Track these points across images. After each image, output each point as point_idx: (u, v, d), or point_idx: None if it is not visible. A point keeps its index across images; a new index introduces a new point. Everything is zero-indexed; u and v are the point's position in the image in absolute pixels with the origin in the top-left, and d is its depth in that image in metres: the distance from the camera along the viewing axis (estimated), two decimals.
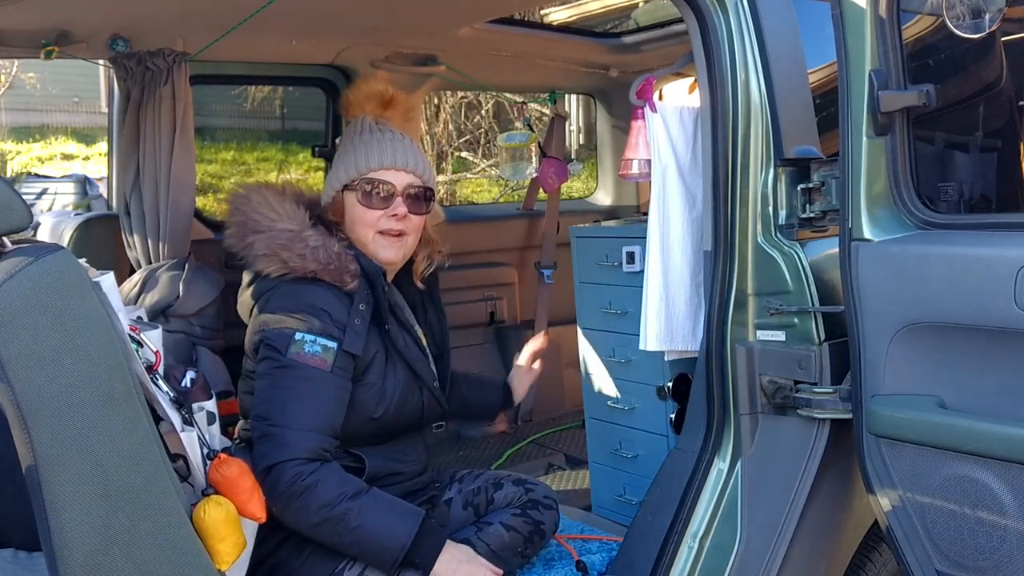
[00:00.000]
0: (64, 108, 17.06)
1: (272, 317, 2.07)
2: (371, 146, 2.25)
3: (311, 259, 2.09)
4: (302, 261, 2.09)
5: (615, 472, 2.93)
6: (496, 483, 2.42)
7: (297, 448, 1.95)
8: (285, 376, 2.01)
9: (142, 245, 3.15)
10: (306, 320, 2.05)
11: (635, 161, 2.48)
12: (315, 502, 1.93)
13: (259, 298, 2.15)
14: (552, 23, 7.86)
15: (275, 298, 2.10)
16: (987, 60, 2.15)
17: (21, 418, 1.32)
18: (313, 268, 2.09)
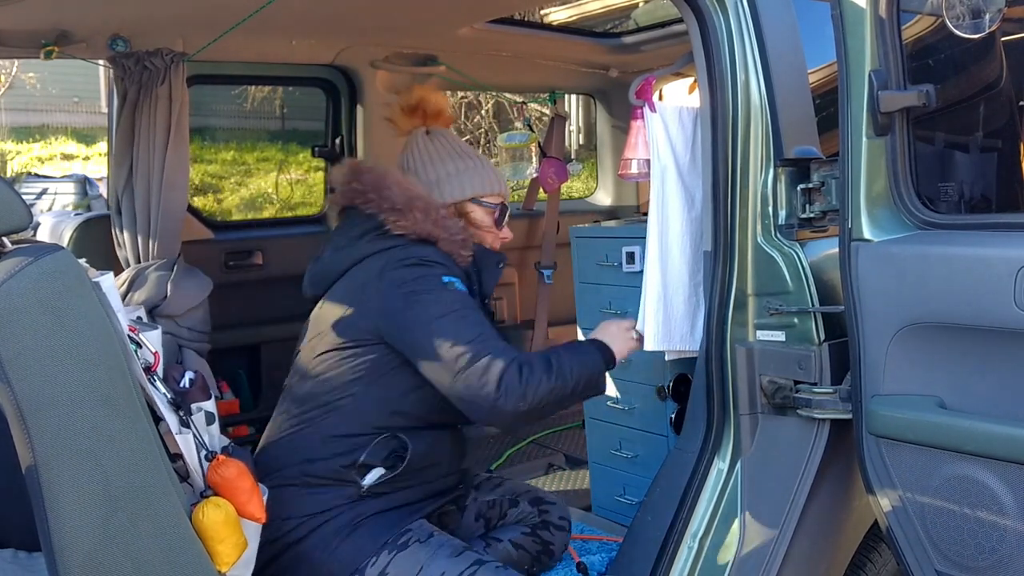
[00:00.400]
0: (64, 108, 17.08)
1: (410, 270, 2.15)
2: (495, 172, 2.49)
3: (440, 227, 2.23)
4: (432, 226, 2.22)
5: (615, 472, 2.93)
6: (513, 500, 2.41)
7: (505, 352, 2.06)
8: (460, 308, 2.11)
9: (132, 244, 3.14)
10: (445, 267, 2.18)
11: (634, 161, 2.47)
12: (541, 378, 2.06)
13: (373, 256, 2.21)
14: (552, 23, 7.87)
15: (405, 253, 2.18)
16: (987, 60, 2.15)
17: (21, 418, 1.32)
18: (438, 235, 2.23)
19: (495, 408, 2.02)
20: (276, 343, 3.70)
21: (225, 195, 11.31)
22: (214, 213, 10.13)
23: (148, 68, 3.02)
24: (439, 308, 2.09)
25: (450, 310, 2.09)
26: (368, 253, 2.23)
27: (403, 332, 2.10)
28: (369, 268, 2.20)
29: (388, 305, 2.12)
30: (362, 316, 2.16)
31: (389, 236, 2.23)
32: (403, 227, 2.21)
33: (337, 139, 3.87)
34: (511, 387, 2.01)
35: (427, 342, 2.06)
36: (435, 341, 2.05)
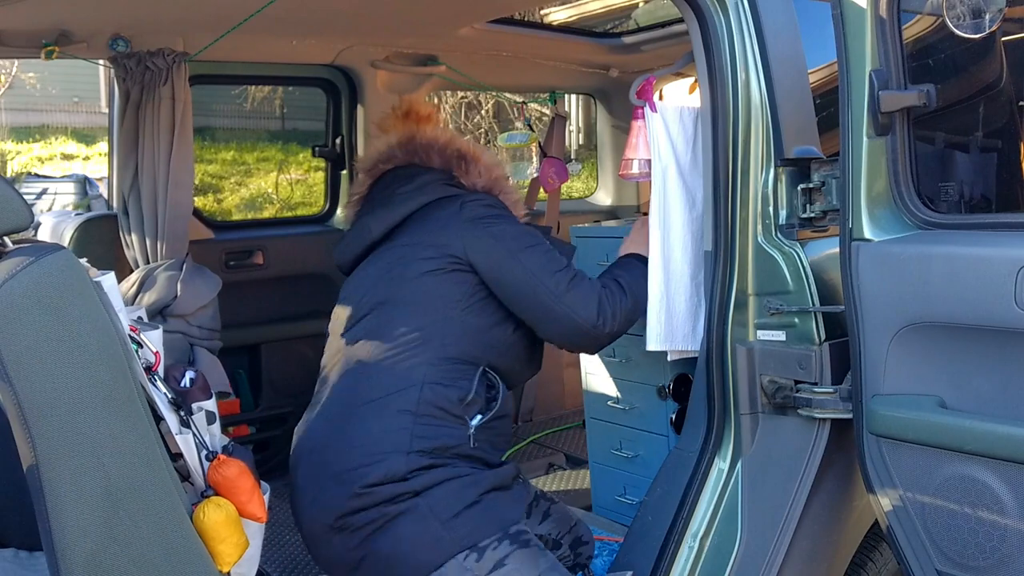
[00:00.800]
0: (64, 108, 17.08)
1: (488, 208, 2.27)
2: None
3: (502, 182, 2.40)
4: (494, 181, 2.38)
5: (615, 472, 2.93)
6: (556, 541, 2.35)
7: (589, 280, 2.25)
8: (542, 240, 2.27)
9: (140, 245, 3.15)
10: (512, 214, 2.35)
11: (635, 161, 2.47)
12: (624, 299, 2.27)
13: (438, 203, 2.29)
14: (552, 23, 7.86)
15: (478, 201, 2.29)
16: (987, 60, 2.15)
17: (22, 417, 1.33)
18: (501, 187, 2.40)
19: (595, 329, 2.20)
20: (276, 343, 3.70)
21: (225, 195, 11.31)
22: (214, 213, 10.13)
23: (150, 68, 3.02)
24: (527, 239, 2.21)
25: (536, 241, 2.23)
26: (436, 197, 2.29)
27: (495, 262, 2.18)
28: (444, 208, 2.26)
29: (476, 240, 2.19)
30: (451, 243, 2.20)
31: (454, 184, 2.32)
32: (472, 176, 2.33)
33: (337, 139, 3.87)
34: (605, 308, 2.20)
35: (525, 270, 2.18)
36: (533, 269, 2.18)
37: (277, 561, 2.92)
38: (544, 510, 2.33)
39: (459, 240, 2.19)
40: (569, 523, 2.37)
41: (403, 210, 2.30)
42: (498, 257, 2.19)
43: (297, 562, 2.96)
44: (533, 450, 3.82)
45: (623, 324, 2.25)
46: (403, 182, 2.37)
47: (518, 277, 2.18)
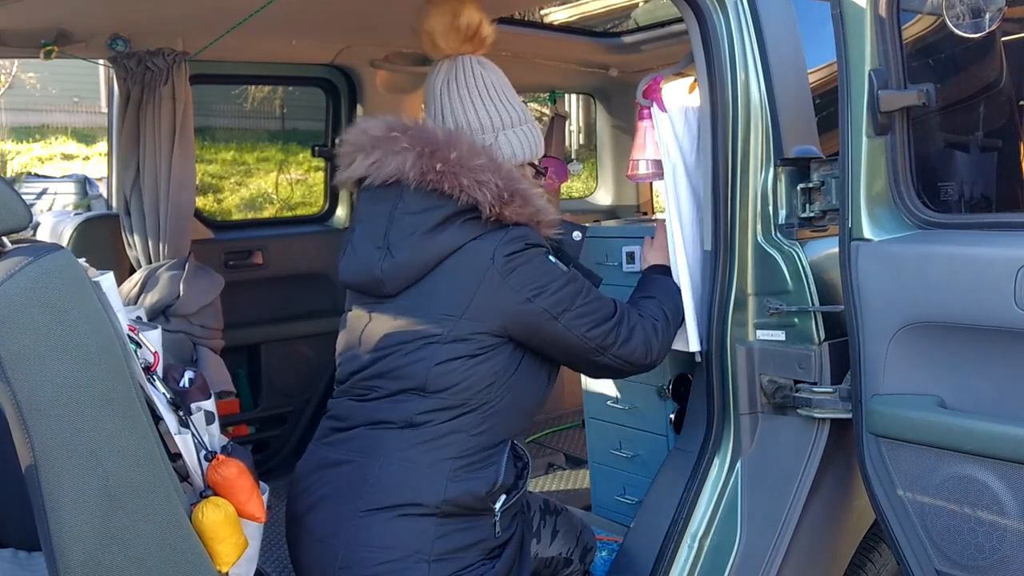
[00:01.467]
0: (64, 108, 17.08)
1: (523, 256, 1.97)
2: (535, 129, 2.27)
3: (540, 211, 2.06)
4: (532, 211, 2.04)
5: (615, 472, 2.93)
6: (567, 558, 2.28)
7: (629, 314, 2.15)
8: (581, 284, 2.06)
9: (142, 245, 3.15)
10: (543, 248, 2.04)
11: (643, 162, 2.47)
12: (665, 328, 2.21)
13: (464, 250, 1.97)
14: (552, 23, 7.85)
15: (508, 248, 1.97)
16: (987, 60, 2.15)
17: (21, 417, 1.32)
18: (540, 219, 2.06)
19: (646, 367, 2.17)
20: (276, 343, 3.70)
21: (225, 195, 11.31)
22: (214, 213, 10.13)
23: (150, 68, 3.02)
24: (566, 296, 2.00)
25: (576, 293, 2.02)
26: (464, 241, 1.97)
27: (536, 328, 1.98)
28: (474, 261, 1.96)
29: (512, 304, 1.95)
30: (484, 316, 1.95)
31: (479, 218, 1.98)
32: (506, 217, 1.98)
33: (337, 139, 3.87)
34: (653, 346, 2.15)
35: (569, 330, 2.01)
36: (579, 327, 2.02)
37: (276, 561, 2.92)
38: (552, 527, 2.25)
39: (495, 312, 1.95)
40: (576, 533, 2.32)
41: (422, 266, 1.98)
42: (540, 324, 1.98)
43: None
44: (533, 450, 3.82)
45: (666, 352, 2.22)
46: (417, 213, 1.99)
47: (562, 339, 2.01)
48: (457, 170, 1.95)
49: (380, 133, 2.04)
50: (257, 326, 3.65)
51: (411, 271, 1.98)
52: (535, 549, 2.21)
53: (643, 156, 2.46)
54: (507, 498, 2.02)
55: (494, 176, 1.97)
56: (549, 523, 2.27)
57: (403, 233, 1.99)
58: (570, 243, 2.18)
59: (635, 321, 2.13)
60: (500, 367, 1.98)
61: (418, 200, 1.98)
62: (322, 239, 3.88)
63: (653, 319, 2.17)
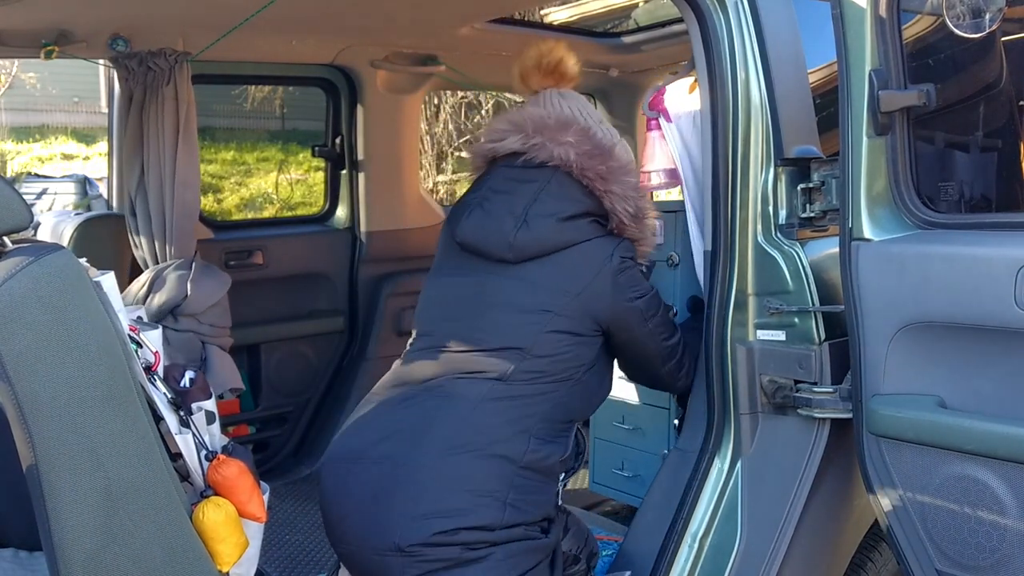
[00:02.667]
0: (64, 108, 17.08)
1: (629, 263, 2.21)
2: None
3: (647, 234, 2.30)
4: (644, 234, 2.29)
5: (615, 447, 2.93)
6: (576, 556, 2.32)
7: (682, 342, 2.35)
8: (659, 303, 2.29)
9: (149, 245, 3.15)
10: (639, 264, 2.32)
11: (654, 173, 2.49)
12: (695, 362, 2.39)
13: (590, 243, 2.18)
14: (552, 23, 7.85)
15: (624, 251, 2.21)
16: (987, 60, 2.15)
17: (22, 417, 1.32)
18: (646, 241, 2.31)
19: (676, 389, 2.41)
20: (276, 343, 3.70)
21: (225, 195, 11.31)
22: (214, 213, 10.13)
23: (152, 69, 3.02)
24: (655, 305, 2.25)
25: (660, 305, 2.27)
26: (590, 236, 2.19)
27: (628, 327, 2.20)
28: (596, 254, 2.17)
29: (618, 299, 2.17)
30: (594, 306, 2.15)
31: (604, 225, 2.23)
32: (625, 232, 2.23)
33: (337, 139, 3.87)
34: (690, 374, 2.36)
35: (653, 335, 2.24)
36: (660, 334, 2.25)
37: (277, 561, 2.92)
38: (564, 524, 2.29)
39: (603, 304, 2.15)
40: (584, 536, 2.36)
41: (551, 244, 2.16)
42: (634, 323, 2.20)
43: (296, 562, 2.96)
44: None
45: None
46: (560, 200, 2.18)
47: (643, 340, 2.24)
48: (610, 179, 2.19)
49: (550, 121, 2.24)
50: (257, 326, 3.65)
51: (541, 246, 2.17)
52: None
53: (654, 167, 2.47)
54: (566, 476, 2.22)
55: (636, 195, 2.23)
56: (561, 519, 2.29)
57: (543, 212, 2.17)
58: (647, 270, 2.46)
59: (687, 344, 2.35)
60: (593, 354, 2.18)
61: (566, 188, 2.19)
62: (322, 239, 3.88)
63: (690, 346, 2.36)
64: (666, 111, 2.40)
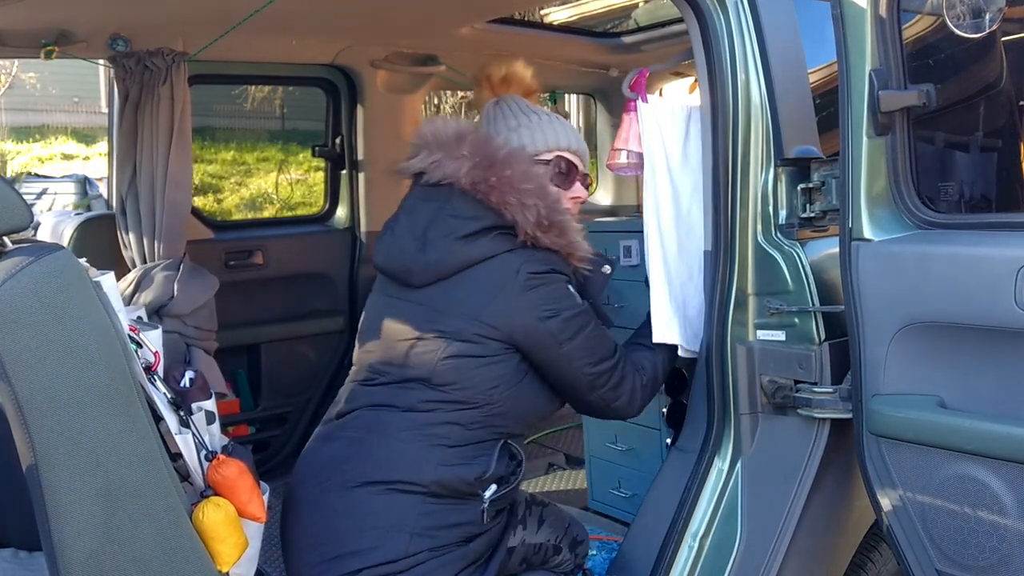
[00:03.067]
0: (64, 108, 17.09)
1: (543, 279, 2.09)
2: (565, 127, 2.32)
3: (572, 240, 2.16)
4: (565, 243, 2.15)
5: (610, 466, 2.94)
6: (556, 546, 2.32)
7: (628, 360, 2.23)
8: (590, 320, 2.15)
9: (138, 244, 3.15)
10: (566, 275, 2.16)
11: (623, 152, 2.46)
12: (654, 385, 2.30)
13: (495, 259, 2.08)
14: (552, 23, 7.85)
15: (535, 266, 2.09)
16: (987, 60, 2.15)
17: (21, 417, 1.32)
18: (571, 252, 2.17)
19: (622, 417, 2.27)
20: (276, 343, 3.70)
21: (225, 195, 11.31)
22: (214, 213, 10.13)
23: (149, 68, 3.02)
24: (574, 325, 2.10)
25: (583, 326, 2.12)
26: (495, 252, 2.09)
27: (540, 348, 2.08)
28: (500, 271, 2.07)
29: (525, 319, 2.05)
30: (500, 324, 2.05)
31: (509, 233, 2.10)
32: (540, 242, 2.11)
33: (337, 139, 3.87)
34: (637, 399, 2.23)
35: (569, 360, 2.11)
36: (577, 359, 2.11)
37: (276, 561, 2.91)
38: (538, 516, 2.30)
39: (507, 321, 2.05)
40: (564, 525, 2.36)
41: (451, 266, 2.09)
42: (545, 344, 2.08)
43: None
44: (533, 450, 3.82)
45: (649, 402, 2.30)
46: (459, 218, 2.10)
47: (558, 364, 2.11)
48: (507, 188, 2.08)
49: (447, 136, 2.17)
50: (257, 326, 3.64)
51: (440, 269, 2.10)
52: (522, 535, 2.26)
53: (624, 147, 2.45)
54: (498, 488, 2.09)
55: (541, 202, 2.10)
56: (535, 512, 2.32)
57: (441, 233, 2.11)
58: (597, 278, 2.27)
59: (629, 371, 2.21)
60: (507, 373, 2.07)
61: (464, 206, 2.11)
62: (322, 239, 3.88)
63: (643, 375, 2.25)
64: (644, 93, 2.38)
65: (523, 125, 2.29)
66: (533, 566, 2.30)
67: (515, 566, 2.27)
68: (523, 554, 2.27)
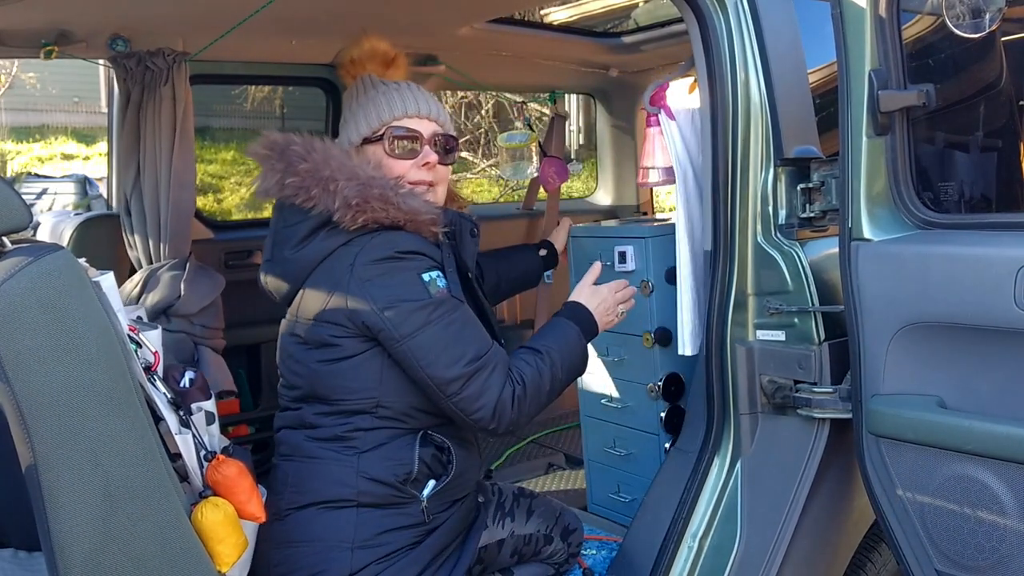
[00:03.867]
0: (64, 108, 17.07)
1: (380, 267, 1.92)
2: (391, 95, 2.16)
3: (405, 209, 1.95)
4: (395, 211, 1.95)
5: (609, 470, 2.94)
6: (547, 535, 2.29)
7: (501, 366, 1.95)
8: (443, 314, 1.92)
9: (143, 245, 3.15)
10: (420, 256, 1.95)
11: (653, 170, 2.49)
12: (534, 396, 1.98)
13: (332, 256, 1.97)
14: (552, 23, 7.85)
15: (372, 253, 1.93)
16: (987, 60, 2.15)
17: (21, 417, 1.32)
18: (403, 219, 1.96)
19: (488, 431, 1.97)
20: (276, 343, 3.70)
21: (225, 195, 11.31)
22: (214, 213, 10.12)
23: (150, 68, 3.02)
24: (417, 320, 1.89)
25: (429, 321, 1.90)
26: (330, 249, 1.98)
27: (388, 341, 1.91)
28: (336, 267, 1.96)
29: (366, 310, 1.90)
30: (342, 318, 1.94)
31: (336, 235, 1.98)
32: (363, 222, 1.94)
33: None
34: (504, 414, 1.93)
35: (412, 359, 1.90)
36: (420, 360, 1.90)
37: None
38: (527, 508, 2.29)
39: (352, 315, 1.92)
40: (555, 514, 2.35)
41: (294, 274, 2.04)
42: (387, 336, 1.91)
43: None
44: (532, 450, 3.82)
45: (527, 417, 1.99)
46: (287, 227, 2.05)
47: (408, 367, 1.92)
48: (309, 182, 1.97)
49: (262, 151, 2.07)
50: (257, 326, 3.64)
51: (287, 281, 2.06)
52: (511, 527, 2.24)
53: (653, 164, 2.47)
54: (436, 484, 2.01)
55: (347, 183, 1.95)
56: (524, 504, 2.30)
57: (282, 247, 2.06)
58: (465, 243, 2.12)
59: (497, 380, 1.93)
60: (379, 368, 1.95)
61: (290, 214, 2.04)
62: None
63: (522, 384, 1.97)
64: (668, 107, 2.40)
65: (350, 110, 2.17)
66: (525, 558, 2.30)
67: (506, 559, 2.26)
68: (513, 546, 2.25)
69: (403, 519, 1.99)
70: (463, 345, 1.92)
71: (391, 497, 1.97)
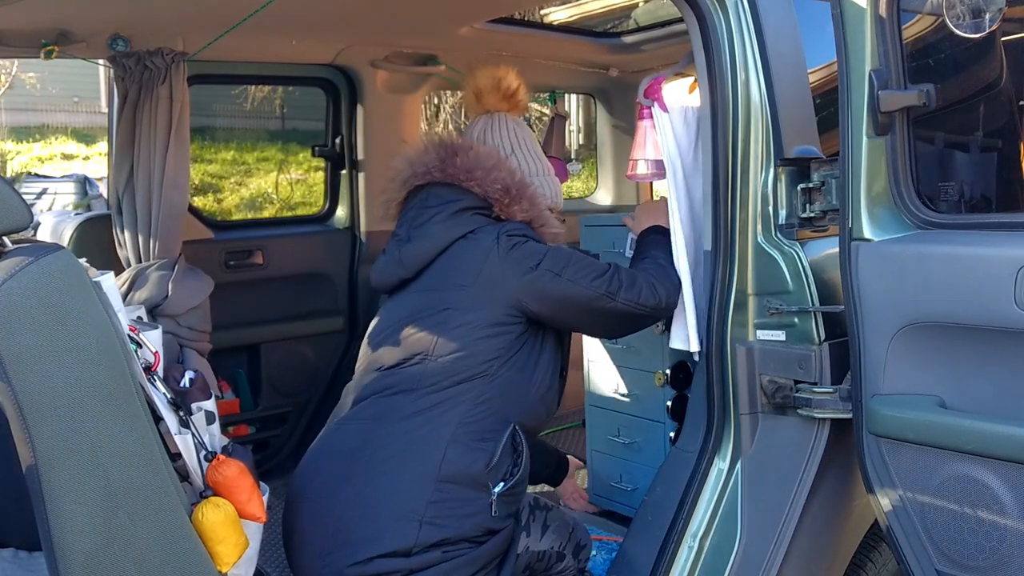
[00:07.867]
0: (64, 108, 17.09)
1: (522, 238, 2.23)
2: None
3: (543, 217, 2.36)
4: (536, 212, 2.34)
5: (613, 460, 2.94)
6: (560, 552, 2.31)
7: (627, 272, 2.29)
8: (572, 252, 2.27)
9: (133, 244, 3.14)
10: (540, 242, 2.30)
11: (642, 162, 2.48)
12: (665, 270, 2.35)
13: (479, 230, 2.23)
14: (552, 23, 7.86)
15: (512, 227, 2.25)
16: (987, 60, 2.15)
17: (21, 417, 1.33)
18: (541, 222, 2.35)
19: (657, 309, 2.29)
20: (276, 343, 3.70)
21: (225, 195, 11.32)
22: (214, 213, 10.13)
23: (149, 68, 3.02)
24: (561, 258, 2.21)
25: (570, 256, 2.23)
26: (473, 227, 2.24)
27: (545, 292, 2.17)
28: (482, 241, 2.21)
29: (516, 276, 2.16)
30: (495, 291, 2.16)
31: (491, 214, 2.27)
32: (512, 211, 2.27)
33: (337, 139, 3.87)
34: (658, 288, 2.28)
35: (573, 287, 2.19)
36: (578, 281, 2.19)
37: (276, 561, 2.91)
38: (542, 522, 2.29)
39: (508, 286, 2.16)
40: (568, 530, 2.35)
41: (434, 246, 2.24)
42: (546, 285, 2.17)
43: None
44: None
45: (676, 295, 2.32)
46: (437, 206, 2.28)
47: (571, 295, 2.19)
48: (472, 167, 2.28)
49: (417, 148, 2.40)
50: (257, 326, 3.64)
51: (426, 250, 2.25)
52: (525, 542, 2.24)
53: (643, 156, 2.46)
54: (505, 484, 2.09)
55: (506, 176, 2.29)
56: (539, 517, 2.30)
57: (423, 222, 2.28)
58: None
59: (632, 271, 2.30)
60: (505, 345, 2.15)
61: (441, 193, 2.30)
62: (322, 239, 3.87)
63: (648, 269, 2.32)
64: (661, 100, 2.39)
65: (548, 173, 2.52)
66: (536, 573, 2.30)
67: (519, 574, 2.27)
68: (527, 561, 2.26)
69: (472, 508, 2.04)
70: (598, 263, 2.29)
71: (469, 483, 2.04)
